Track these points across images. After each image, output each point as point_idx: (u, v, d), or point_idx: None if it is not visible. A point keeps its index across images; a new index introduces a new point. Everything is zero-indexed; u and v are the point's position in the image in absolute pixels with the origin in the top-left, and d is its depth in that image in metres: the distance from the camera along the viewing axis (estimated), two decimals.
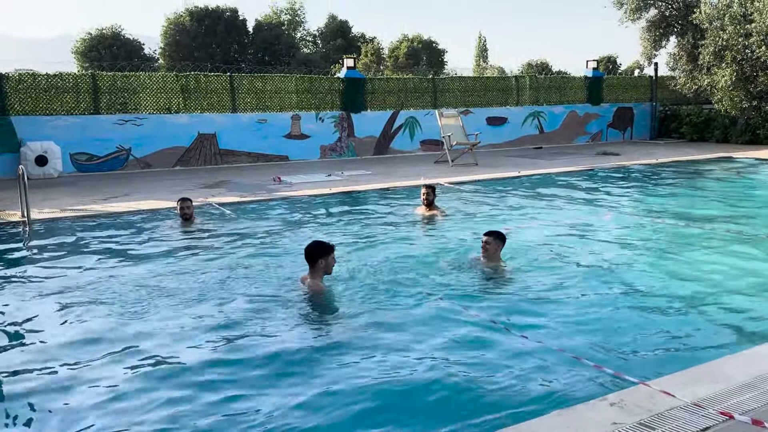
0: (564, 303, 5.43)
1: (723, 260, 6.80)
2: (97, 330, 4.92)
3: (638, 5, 21.32)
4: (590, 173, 14.02)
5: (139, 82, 15.96)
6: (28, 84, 14.66)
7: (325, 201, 10.84)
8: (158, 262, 6.91)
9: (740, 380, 3.54)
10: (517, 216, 9.42)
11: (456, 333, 4.74)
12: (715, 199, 11.06)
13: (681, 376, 3.66)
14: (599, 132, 22.69)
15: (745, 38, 18.01)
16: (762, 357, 3.99)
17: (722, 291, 5.72)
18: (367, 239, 7.89)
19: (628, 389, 3.58)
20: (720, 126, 20.98)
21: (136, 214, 9.52)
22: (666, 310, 5.28)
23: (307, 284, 5.61)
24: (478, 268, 6.32)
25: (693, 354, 4.35)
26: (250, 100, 17.19)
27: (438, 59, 49.49)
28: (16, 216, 9.11)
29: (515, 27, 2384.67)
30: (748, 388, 3.44)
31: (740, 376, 3.59)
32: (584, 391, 3.76)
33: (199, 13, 40.54)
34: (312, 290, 5.54)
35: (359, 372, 4.13)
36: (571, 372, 4.06)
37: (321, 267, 5.52)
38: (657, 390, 3.46)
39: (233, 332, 4.84)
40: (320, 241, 5.73)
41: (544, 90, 21.91)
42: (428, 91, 19.89)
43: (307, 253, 5.54)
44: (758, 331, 4.76)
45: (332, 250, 5.59)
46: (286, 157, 17.33)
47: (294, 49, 45.16)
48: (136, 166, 15.48)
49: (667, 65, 22.84)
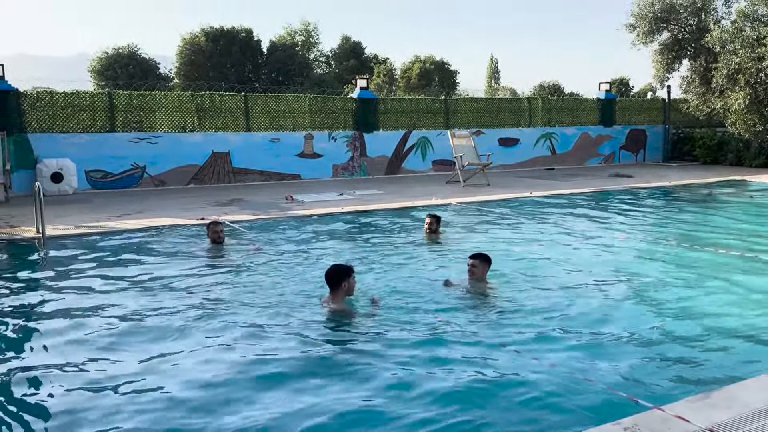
0: (575, 325, 5.38)
1: (739, 284, 6.74)
2: (112, 345, 4.94)
3: (651, 28, 21.37)
4: (603, 194, 13.98)
5: (154, 101, 16.17)
6: (46, 102, 14.88)
7: (336, 220, 10.86)
8: (174, 279, 6.94)
9: (756, 406, 3.49)
10: (529, 236, 9.40)
11: (465, 354, 4.72)
12: (729, 222, 10.98)
13: (696, 401, 3.62)
14: (612, 154, 22.66)
15: (757, 62, 18.00)
16: None
17: (737, 315, 5.66)
18: (374, 260, 7.87)
19: (643, 413, 3.54)
20: (733, 149, 20.90)
21: (151, 232, 9.58)
22: (680, 334, 5.22)
23: (330, 306, 5.69)
24: (471, 289, 6.29)
25: (708, 379, 4.30)
26: (264, 120, 17.34)
27: (450, 80, 49.80)
28: (31, 232, 9.21)
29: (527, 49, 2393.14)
30: (763, 415, 3.40)
31: (756, 402, 3.55)
32: (598, 415, 3.72)
33: (215, 33, 41.09)
34: (336, 311, 5.61)
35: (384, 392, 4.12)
36: (583, 395, 4.02)
37: (343, 289, 5.64)
38: (671, 415, 3.42)
39: (263, 352, 4.82)
40: (340, 265, 5.86)
41: (557, 111, 21.95)
42: (440, 112, 19.98)
43: (329, 276, 5.66)
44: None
45: (352, 272, 5.73)
46: (299, 176, 17.43)
47: (307, 69, 45.62)
48: (150, 183, 15.62)
49: (680, 88, 22.85)
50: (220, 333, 5.20)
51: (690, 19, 21.40)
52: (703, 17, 21.07)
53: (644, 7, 21.24)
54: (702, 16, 21.13)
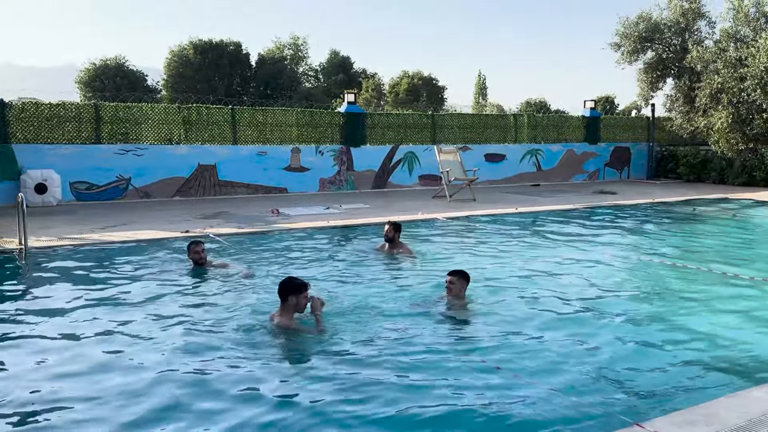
0: (555, 342, 5.37)
1: (719, 301, 6.81)
2: (92, 359, 4.89)
3: (635, 48, 21.67)
4: (587, 211, 14.09)
5: (141, 113, 16.12)
6: (31, 113, 14.80)
7: (319, 234, 10.83)
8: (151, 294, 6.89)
9: (735, 422, 3.53)
10: (514, 252, 9.44)
11: (447, 373, 4.71)
12: (712, 239, 11.10)
13: (675, 417, 3.65)
14: (596, 171, 22.87)
15: (740, 81, 18.28)
16: (756, 400, 3.97)
17: (717, 331, 5.70)
18: (346, 276, 7.81)
19: (622, 430, 3.56)
20: (717, 167, 21.17)
21: (133, 244, 9.52)
22: (660, 350, 5.26)
23: (275, 321, 5.44)
24: (447, 307, 6.23)
25: (687, 395, 4.32)
26: (251, 133, 17.35)
27: (438, 96, 50.15)
28: (13, 243, 9.12)
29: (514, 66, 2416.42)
30: (742, 431, 3.42)
31: (734, 419, 3.58)
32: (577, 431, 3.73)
33: (203, 46, 41.13)
34: (280, 326, 5.37)
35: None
36: (562, 412, 4.02)
37: (291, 305, 5.38)
38: (651, 431, 3.44)
39: (197, 366, 4.75)
40: (293, 279, 5.55)
41: (542, 128, 22.15)
42: (427, 127, 20.09)
43: (279, 289, 5.43)
44: (753, 372, 4.74)
45: (304, 289, 5.42)
46: (285, 190, 17.42)
47: (296, 83, 45.76)
48: (136, 195, 15.54)
49: (664, 106, 23.19)
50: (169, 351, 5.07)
51: (674, 39, 21.73)
52: (686, 37, 21.41)
53: (629, 27, 21.55)
54: (686, 36, 21.47)
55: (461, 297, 6.30)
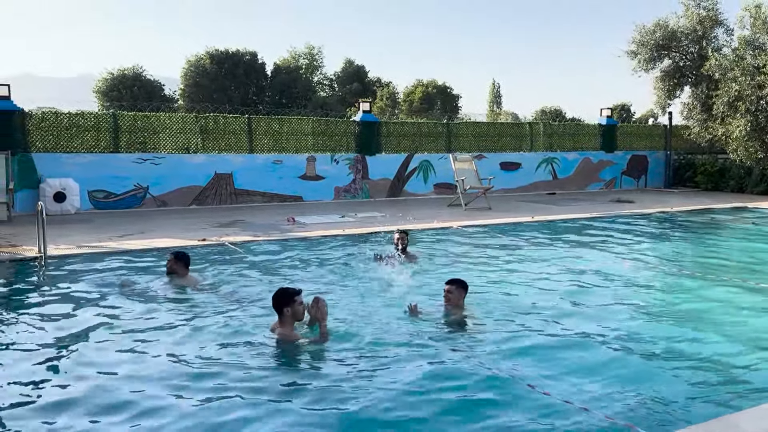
0: (569, 352, 5.32)
1: (739, 311, 6.72)
2: (105, 366, 4.93)
3: (652, 56, 21.53)
4: (604, 220, 13.99)
5: (159, 123, 16.28)
6: (51, 122, 15.00)
7: (335, 241, 10.83)
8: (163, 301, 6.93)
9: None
10: (531, 261, 9.38)
11: (457, 381, 4.68)
12: (731, 248, 10.97)
13: (696, 430, 3.60)
14: (613, 179, 22.72)
15: (758, 89, 18.11)
16: None
17: (737, 342, 5.63)
18: (348, 284, 7.78)
19: None
20: (735, 176, 20.95)
21: (150, 252, 9.59)
22: (680, 362, 5.19)
23: (277, 333, 5.36)
24: (446, 316, 6.17)
25: (707, 407, 4.26)
26: (267, 142, 17.45)
27: (452, 104, 50.16)
28: (33, 251, 9.22)
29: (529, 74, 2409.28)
30: None
31: (756, 431, 3.52)
32: None
33: (220, 55, 41.51)
34: (280, 338, 5.28)
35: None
36: (581, 424, 3.98)
37: (288, 315, 5.29)
38: None
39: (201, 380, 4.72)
40: (284, 289, 5.48)
41: (558, 136, 22.07)
42: (442, 136, 20.10)
43: (272, 303, 5.37)
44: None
45: (296, 295, 5.33)
46: (301, 198, 17.48)
47: (311, 92, 46.01)
48: (153, 204, 15.67)
49: (681, 114, 22.95)
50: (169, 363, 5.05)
51: (691, 47, 21.56)
52: (704, 45, 21.25)
53: (645, 35, 21.42)
54: (703, 43, 21.31)
55: (460, 306, 6.25)
